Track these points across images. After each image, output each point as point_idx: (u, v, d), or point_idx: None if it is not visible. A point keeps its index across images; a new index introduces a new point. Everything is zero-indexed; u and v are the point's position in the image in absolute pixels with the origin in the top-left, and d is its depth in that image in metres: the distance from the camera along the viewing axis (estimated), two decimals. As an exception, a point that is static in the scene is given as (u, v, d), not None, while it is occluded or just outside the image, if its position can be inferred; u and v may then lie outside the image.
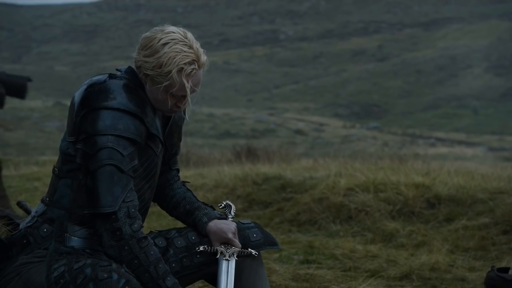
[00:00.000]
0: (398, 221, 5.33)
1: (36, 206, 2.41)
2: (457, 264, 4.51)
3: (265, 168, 6.84)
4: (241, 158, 10.34)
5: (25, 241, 2.33)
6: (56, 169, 2.36)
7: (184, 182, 2.57)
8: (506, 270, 3.85)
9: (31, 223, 2.35)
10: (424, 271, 4.36)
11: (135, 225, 2.23)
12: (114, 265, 2.20)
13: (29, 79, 5.00)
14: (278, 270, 4.20)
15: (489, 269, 3.93)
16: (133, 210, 2.23)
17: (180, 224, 2.61)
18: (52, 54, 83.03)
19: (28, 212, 3.05)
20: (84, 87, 2.31)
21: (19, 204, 3.08)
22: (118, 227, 2.21)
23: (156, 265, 2.23)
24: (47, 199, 2.36)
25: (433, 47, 73.36)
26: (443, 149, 38.49)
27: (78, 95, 2.31)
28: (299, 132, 42.61)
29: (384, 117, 52.86)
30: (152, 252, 2.24)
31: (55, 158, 13.45)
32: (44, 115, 41.74)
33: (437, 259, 4.51)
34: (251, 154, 11.04)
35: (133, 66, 2.37)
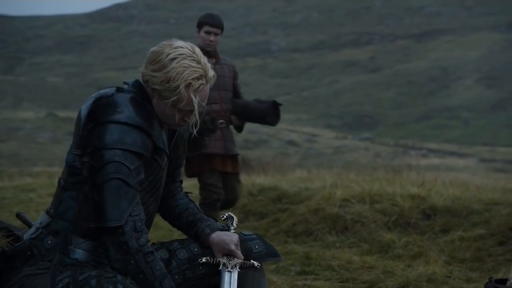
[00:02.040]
0: (394, 232, 5.34)
1: (40, 217, 2.40)
2: (454, 275, 4.52)
3: (260, 179, 6.85)
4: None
5: (29, 252, 2.32)
6: (61, 181, 2.36)
7: (186, 193, 2.58)
8: (504, 281, 3.86)
9: (35, 235, 2.35)
10: (422, 282, 4.37)
11: (142, 239, 2.23)
12: (119, 277, 2.20)
13: (275, 103, 4.90)
14: (276, 281, 4.20)
15: (487, 280, 3.94)
16: (139, 224, 2.24)
17: (174, 232, 2.61)
18: (44, 65, 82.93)
19: (27, 223, 3.04)
20: (91, 100, 2.31)
21: (18, 215, 3.07)
22: (125, 241, 2.21)
23: (162, 281, 2.23)
24: (52, 210, 2.35)
25: (425, 59, 73.68)
26: (435, 160, 38.60)
27: (85, 108, 2.31)
28: (291, 143, 42.66)
29: (376, 128, 53.00)
30: (158, 267, 2.24)
31: (49, 169, 13.43)
32: (37, 126, 41.61)
33: (434, 270, 4.52)
34: (245, 165, 11.05)
35: (139, 79, 2.37)
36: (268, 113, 4.82)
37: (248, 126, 5.34)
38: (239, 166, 4.96)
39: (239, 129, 5.00)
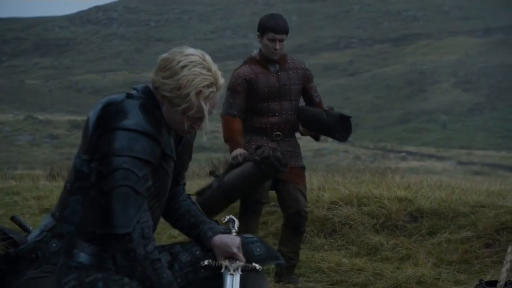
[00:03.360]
0: (382, 234, 5.37)
1: (44, 220, 2.39)
2: (443, 277, 4.57)
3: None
4: (219, 171, 10.31)
5: (33, 255, 2.32)
6: (68, 184, 2.35)
7: (189, 195, 2.58)
8: (494, 283, 3.90)
9: (40, 238, 2.34)
10: (411, 284, 4.41)
11: (149, 246, 2.24)
12: (126, 279, 2.21)
13: (342, 116, 4.38)
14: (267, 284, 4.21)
15: (477, 282, 3.99)
16: (147, 231, 2.24)
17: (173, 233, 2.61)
18: (23, 67, 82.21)
19: (22, 226, 3.03)
20: (100, 106, 2.31)
21: (13, 219, 3.05)
22: (132, 248, 2.21)
23: None
24: (57, 213, 2.34)
25: (403, 63, 74.25)
26: (413, 163, 38.91)
27: (93, 113, 2.31)
28: (272, 146, 42.64)
29: (355, 131, 53.30)
30: (165, 275, 2.25)
31: (31, 172, 13.24)
32: (15, 128, 41.31)
33: (423, 272, 4.57)
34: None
35: (149, 85, 2.36)
36: (335, 129, 4.37)
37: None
38: (301, 177, 4.45)
39: (315, 138, 4.58)
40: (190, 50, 2.32)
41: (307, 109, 4.43)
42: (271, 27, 4.29)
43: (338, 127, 4.38)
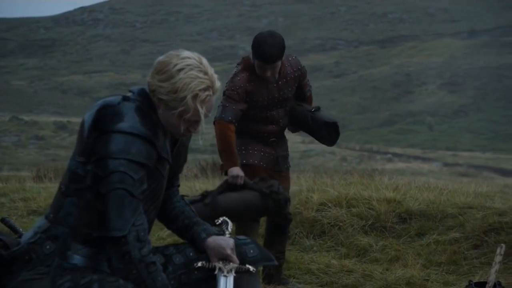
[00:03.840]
0: (370, 236, 5.39)
1: (38, 221, 2.38)
2: (432, 278, 4.59)
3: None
4: (206, 172, 10.34)
5: (27, 257, 2.31)
6: (62, 186, 2.34)
7: (183, 196, 2.58)
8: (483, 284, 3.93)
9: (33, 239, 2.33)
10: (401, 286, 4.43)
11: (145, 249, 2.24)
12: (121, 281, 2.22)
13: (327, 124, 4.31)
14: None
15: (467, 283, 4.01)
16: (142, 233, 2.25)
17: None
18: (8, 68, 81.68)
19: (12, 228, 3.01)
20: (96, 108, 2.31)
21: (3, 220, 3.03)
22: (127, 250, 2.22)
23: None
24: (51, 215, 2.34)
25: (389, 64, 74.56)
26: (400, 164, 39.07)
27: (89, 116, 2.30)
28: (258, 147, 42.69)
29: (341, 133, 53.41)
30: (159, 278, 2.25)
31: (17, 174, 13.15)
32: (0, 130, 41.06)
33: (412, 273, 4.59)
34: (217, 169, 11.05)
35: (145, 87, 2.35)
36: (321, 135, 4.32)
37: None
38: (288, 180, 4.45)
39: (294, 132, 4.57)
40: (186, 53, 2.33)
41: (295, 111, 4.34)
42: (259, 55, 4.06)
43: (324, 133, 4.31)
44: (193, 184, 6.97)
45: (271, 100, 4.20)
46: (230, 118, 4.11)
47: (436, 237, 5.22)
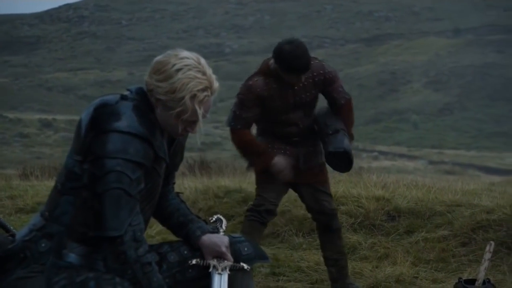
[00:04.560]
0: (360, 234, 5.41)
1: (33, 219, 2.36)
2: (421, 276, 4.61)
3: (225, 181, 6.84)
4: (194, 170, 10.32)
5: (22, 255, 2.30)
6: (58, 184, 2.33)
7: (178, 193, 2.58)
8: (472, 281, 3.95)
9: (28, 237, 2.32)
10: (390, 283, 4.44)
11: (141, 250, 2.24)
12: (117, 279, 2.21)
13: (336, 154, 4.07)
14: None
15: (456, 280, 4.03)
16: (139, 233, 2.24)
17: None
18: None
19: (3, 226, 2.99)
20: (94, 106, 2.29)
21: (-6, 219, 3.01)
22: (123, 250, 2.21)
23: None
24: (47, 213, 2.32)
25: (375, 63, 74.82)
26: (385, 162, 39.22)
27: (86, 114, 2.29)
28: (244, 145, 42.64)
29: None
30: (155, 279, 2.25)
31: (2, 171, 13.03)
32: (-15, 127, 40.77)
33: (401, 271, 4.60)
34: (204, 167, 11.04)
35: (143, 86, 2.34)
36: (333, 163, 4.14)
37: (202, 129, 4.68)
38: (321, 175, 4.22)
39: None
40: (185, 53, 2.31)
41: (318, 120, 4.13)
42: (294, 69, 3.91)
43: (334, 160, 4.11)
44: (181, 182, 6.95)
45: (285, 105, 4.05)
46: (239, 127, 4.02)
47: (425, 235, 5.24)
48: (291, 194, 5.97)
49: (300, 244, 5.41)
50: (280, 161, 4.03)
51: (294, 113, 4.08)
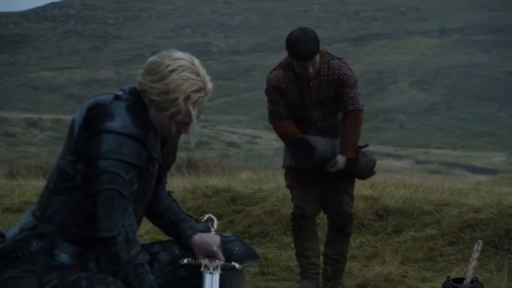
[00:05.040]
0: (348, 233, 5.41)
1: (24, 218, 2.35)
2: (409, 275, 4.62)
3: (213, 181, 6.84)
4: (182, 170, 10.31)
5: (13, 254, 2.28)
6: (50, 184, 2.32)
7: (169, 192, 2.57)
8: (461, 280, 3.98)
9: (20, 237, 2.30)
10: (379, 282, 4.46)
11: (133, 251, 2.23)
12: (110, 278, 2.21)
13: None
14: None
15: (445, 279, 4.05)
16: (132, 235, 2.24)
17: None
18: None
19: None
20: (87, 107, 2.28)
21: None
22: (116, 251, 2.20)
23: None
24: (39, 212, 2.31)
25: (361, 62, 75.00)
26: (372, 162, 39.29)
27: (79, 115, 2.28)
28: (232, 144, 42.76)
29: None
30: (147, 280, 2.24)
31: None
32: (-31, 126, 40.46)
33: (390, 270, 4.62)
34: (192, 166, 11.03)
35: (136, 86, 2.33)
36: (299, 156, 4.09)
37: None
38: (346, 178, 4.18)
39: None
40: (179, 54, 2.31)
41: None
42: (296, 55, 3.92)
43: (299, 152, 4.07)
44: (169, 181, 6.93)
45: (303, 100, 4.06)
46: (276, 121, 4.09)
47: (413, 234, 5.26)
48: (280, 194, 6.00)
49: (289, 244, 5.41)
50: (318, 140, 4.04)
51: (313, 113, 4.08)
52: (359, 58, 77.02)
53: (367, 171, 4.24)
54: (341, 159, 4.08)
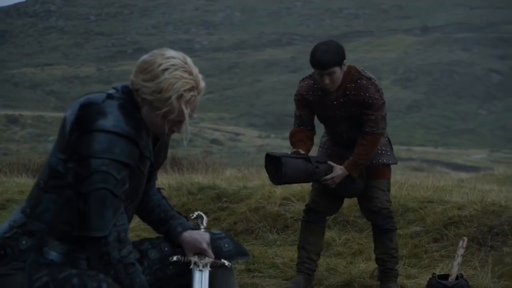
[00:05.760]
0: (333, 230, 5.44)
1: (13, 215, 2.33)
2: (394, 271, 4.64)
3: (198, 178, 6.83)
4: (165, 167, 10.29)
5: (2, 252, 2.27)
6: (41, 181, 2.30)
7: (159, 189, 2.57)
8: (446, 277, 4.01)
9: (9, 234, 2.29)
10: (365, 279, 4.48)
11: (124, 250, 2.23)
12: (101, 275, 2.20)
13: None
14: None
15: (430, 276, 4.08)
16: (123, 234, 2.23)
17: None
18: (-44, 59, 79.59)
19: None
20: (79, 105, 2.27)
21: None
22: (107, 251, 2.20)
23: None
24: (28, 210, 2.29)
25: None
26: (355, 159, 39.43)
27: (71, 113, 2.27)
28: (215, 141, 42.71)
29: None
30: (138, 280, 2.24)
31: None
32: (-50, 123, 40.04)
33: (375, 267, 4.64)
34: (176, 163, 11.00)
35: (128, 84, 2.32)
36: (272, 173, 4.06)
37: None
38: (379, 174, 4.17)
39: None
40: (171, 53, 2.30)
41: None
42: (313, 62, 3.92)
43: (271, 169, 4.04)
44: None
45: (328, 116, 4.09)
46: (296, 125, 4.15)
47: (398, 231, 5.27)
48: (265, 191, 6.00)
49: (274, 241, 5.42)
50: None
51: (339, 125, 4.10)
52: (341, 55, 77.18)
53: (350, 194, 4.28)
54: (340, 173, 4.07)
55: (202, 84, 2.31)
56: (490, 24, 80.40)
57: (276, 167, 3.96)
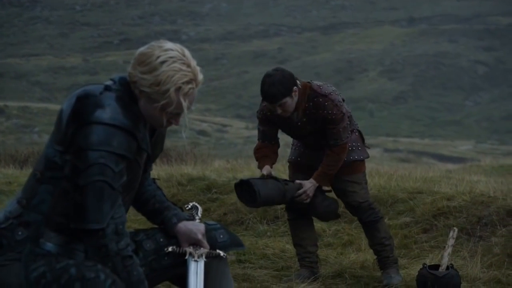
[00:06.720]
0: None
1: (9, 206, 2.31)
2: (385, 262, 4.66)
3: (187, 169, 6.82)
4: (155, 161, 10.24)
5: None
6: (37, 173, 2.29)
7: (154, 179, 2.56)
8: (436, 267, 4.03)
9: (5, 225, 2.28)
10: (355, 270, 4.50)
11: (122, 243, 2.22)
12: (99, 266, 2.20)
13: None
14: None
15: (420, 266, 4.11)
16: (121, 226, 2.23)
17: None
18: None
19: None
20: (76, 97, 2.25)
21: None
22: (104, 243, 2.19)
23: (138, 286, 2.23)
24: (24, 201, 2.28)
25: (331, 51, 75.26)
26: (342, 150, 39.51)
27: (68, 105, 2.25)
28: (202, 133, 42.65)
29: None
30: (135, 273, 2.24)
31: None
32: None
33: (366, 257, 4.67)
34: (165, 155, 10.97)
35: (125, 76, 2.31)
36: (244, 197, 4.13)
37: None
38: (351, 170, 4.24)
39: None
40: (169, 45, 2.29)
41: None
42: (262, 96, 3.99)
43: (243, 194, 4.11)
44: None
45: (293, 132, 4.20)
46: (260, 140, 4.24)
47: (388, 222, 5.30)
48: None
49: (265, 232, 5.43)
50: (267, 169, 4.15)
51: (306, 138, 4.21)
52: (328, 47, 77.26)
53: (326, 214, 4.29)
54: (311, 185, 4.13)
55: (200, 76, 2.30)
56: (476, 16, 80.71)
57: (248, 191, 4.03)
